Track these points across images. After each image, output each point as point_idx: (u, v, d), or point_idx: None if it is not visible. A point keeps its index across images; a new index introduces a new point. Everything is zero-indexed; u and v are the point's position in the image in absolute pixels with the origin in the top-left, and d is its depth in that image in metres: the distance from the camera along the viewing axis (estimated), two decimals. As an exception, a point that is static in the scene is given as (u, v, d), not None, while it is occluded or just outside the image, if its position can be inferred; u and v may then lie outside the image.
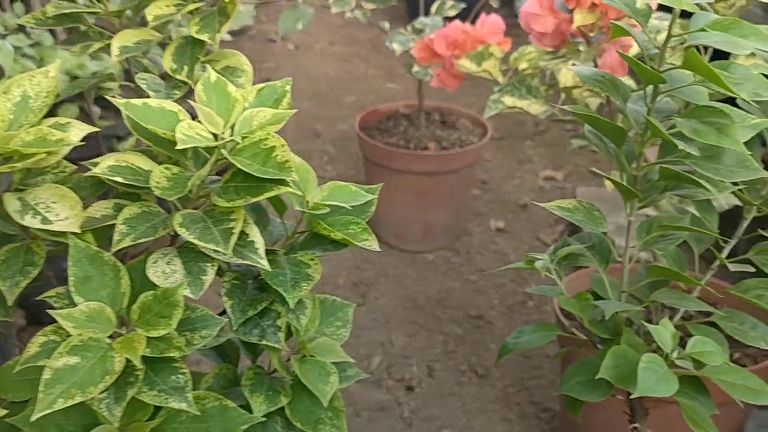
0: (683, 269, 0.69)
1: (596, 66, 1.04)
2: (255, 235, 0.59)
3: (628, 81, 1.08)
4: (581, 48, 1.03)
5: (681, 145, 0.56)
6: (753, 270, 0.67)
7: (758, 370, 1.03)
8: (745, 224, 0.69)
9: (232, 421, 0.57)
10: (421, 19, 1.69)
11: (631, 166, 0.64)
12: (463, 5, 1.70)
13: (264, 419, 0.61)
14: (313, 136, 2.36)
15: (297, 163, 0.70)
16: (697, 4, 0.56)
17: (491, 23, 1.39)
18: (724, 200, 1.06)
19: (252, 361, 0.70)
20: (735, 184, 0.61)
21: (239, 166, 0.55)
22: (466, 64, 1.34)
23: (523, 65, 1.35)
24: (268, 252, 0.67)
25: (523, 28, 1.03)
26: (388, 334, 1.62)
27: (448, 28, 1.38)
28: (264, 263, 0.58)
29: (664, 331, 0.61)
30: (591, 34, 1.00)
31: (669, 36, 0.58)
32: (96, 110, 1.63)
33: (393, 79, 2.70)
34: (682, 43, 0.56)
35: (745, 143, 0.67)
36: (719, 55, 0.67)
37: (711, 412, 0.66)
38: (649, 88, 0.60)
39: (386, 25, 1.81)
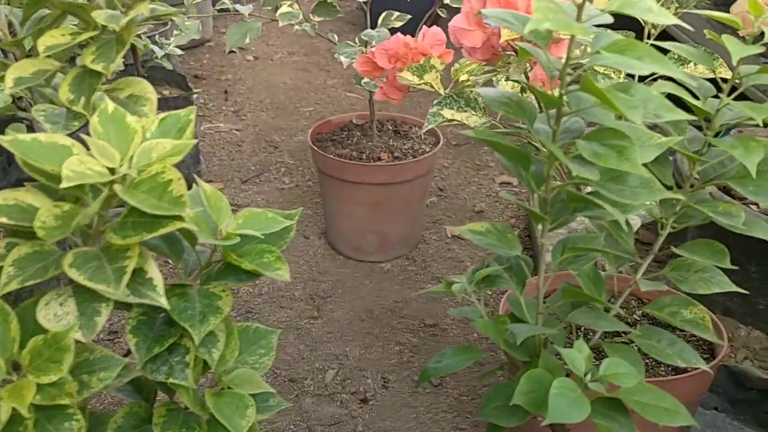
0: (600, 288, 0.69)
1: (528, 78, 1.04)
2: (153, 271, 0.57)
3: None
4: (512, 61, 1.02)
5: (575, 170, 0.55)
6: (665, 288, 0.67)
7: (682, 379, 1.03)
8: (660, 240, 0.69)
9: (139, 463, 0.56)
10: (368, 31, 1.68)
11: (540, 187, 0.63)
12: (408, 16, 1.70)
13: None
14: (272, 147, 2.34)
15: (209, 191, 0.69)
16: (598, 25, 0.55)
17: (432, 35, 1.39)
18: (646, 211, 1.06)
19: (169, 396, 0.68)
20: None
21: (130, 202, 0.54)
22: (408, 77, 1.34)
23: (463, 77, 1.35)
24: (179, 286, 0.66)
25: (453, 42, 1.02)
26: (344, 347, 1.61)
27: (390, 41, 1.38)
28: (162, 301, 0.56)
29: (577, 355, 0.60)
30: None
31: (568, 58, 0.58)
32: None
33: (353, 89, 2.69)
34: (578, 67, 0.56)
35: (656, 160, 0.66)
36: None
37: (630, 432, 0.65)
38: (553, 111, 0.60)
39: (335, 37, 1.80)
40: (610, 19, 0.57)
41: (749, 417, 1.37)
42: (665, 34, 1.92)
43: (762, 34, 0.62)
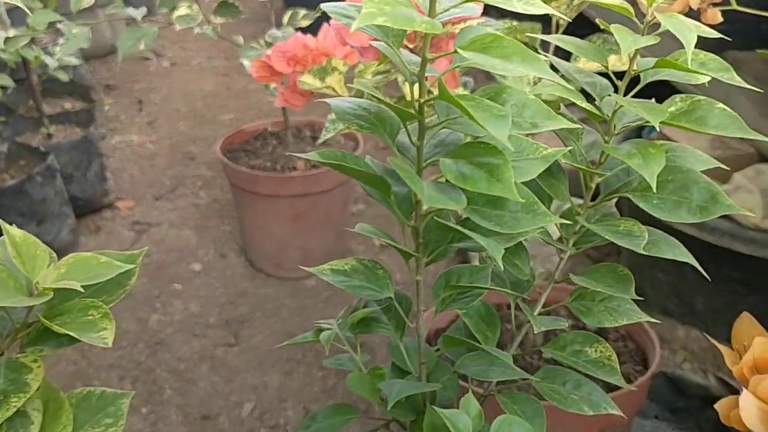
0: (494, 327, 0.58)
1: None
2: None
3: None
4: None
5: (428, 199, 0.44)
6: (565, 325, 0.57)
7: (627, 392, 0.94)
8: (561, 264, 0.59)
9: None
10: (272, 32, 1.56)
11: (409, 216, 0.53)
12: (317, 14, 1.58)
13: None
14: (188, 159, 2.20)
15: (18, 238, 0.56)
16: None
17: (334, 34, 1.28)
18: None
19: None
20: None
21: None
22: (309, 80, 1.22)
23: (368, 77, 1.24)
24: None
25: (339, 41, 0.92)
26: (262, 376, 1.49)
27: (287, 42, 1.26)
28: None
29: (461, 417, 0.50)
30: (411, 46, 0.89)
31: (424, 60, 0.47)
32: None
33: (276, 94, 2.57)
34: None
35: (547, 172, 0.56)
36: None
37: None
38: (412, 126, 0.49)
39: (240, 39, 1.68)
40: (476, 10, 0.47)
41: (691, 424, 1.30)
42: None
43: (658, 24, 0.52)
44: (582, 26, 1.54)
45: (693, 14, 0.94)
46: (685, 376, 1.32)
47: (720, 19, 0.89)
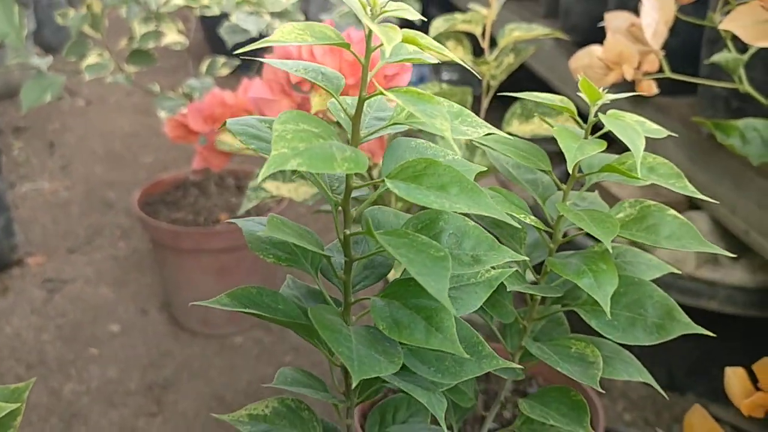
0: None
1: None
2: None
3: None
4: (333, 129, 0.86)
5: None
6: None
7: None
8: (507, 385, 0.54)
9: None
10: (190, 82, 1.48)
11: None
12: (237, 62, 1.51)
13: None
14: (105, 206, 2.08)
15: None
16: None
17: (255, 89, 1.21)
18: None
19: None
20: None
21: None
22: (229, 140, 1.15)
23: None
24: None
25: (258, 115, 0.85)
26: (189, 449, 1.40)
27: (204, 100, 1.18)
28: None
29: None
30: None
31: (348, 188, 0.42)
32: None
33: (199, 129, 2.48)
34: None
35: (494, 295, 0.51)
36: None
37: None
38: (336, 242, 0.43)
39: (156, 87, 1.59)
40: (401, 128, 0.41)
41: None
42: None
43: (600, 123, 0.48)
44: (520, 81, 1.52)
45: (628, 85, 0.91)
46: (627, 432, 1.30)
47: (656, 90, 0.87)
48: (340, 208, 0.42)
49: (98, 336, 1.64)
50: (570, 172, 0.47)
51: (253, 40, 1.31)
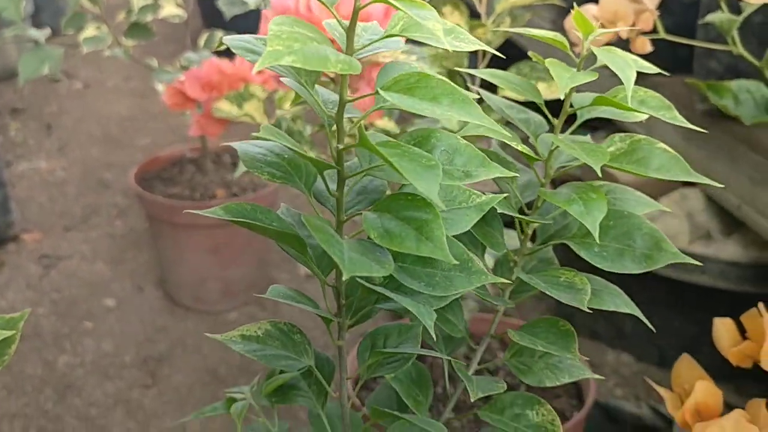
0: (426, 388, 0.53)
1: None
2: None
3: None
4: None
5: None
6: (503, 388, 0.53)
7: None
8: (497, 319, 0.55)
9: None
10: (188, 55, 1.48)
11: (329, 273, 0.48)
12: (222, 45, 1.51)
13: None
14: (102, 186, 2.09)
15: None
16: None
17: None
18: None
19: None
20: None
21: None
22: (226, 108, 1.16)
23: (287, 105, 1.18)
24: None
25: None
26: (183, 419, 1.40)
27: (202, 67, 1.19)
28: None
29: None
30: (332, 75, 0.84)
31: (342, 103, 0.42)
32: None
33: (196, 114, 2.48)
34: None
35: (479, 222, 0.52)
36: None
37: None
38: (332, 171, 0.44)
39: (153, 62, 1.59)
40: (396, 46, 0.42)
41: (625, 453, 1.28)
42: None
43: (594, 56, 0.48)
44: (510, 47, 1.53)
45: (621, 44, 0.92)
46: (619, 405, 1.30)
47: (649, 48, 0.88)
48: (334, 126, 0.43)
49: (93, 311, 1.65)
50: (562, 100, 0.48)
51: (251, 12, 1.31)
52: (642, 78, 1.60)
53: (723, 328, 0.72)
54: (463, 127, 0.49)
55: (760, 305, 0.69)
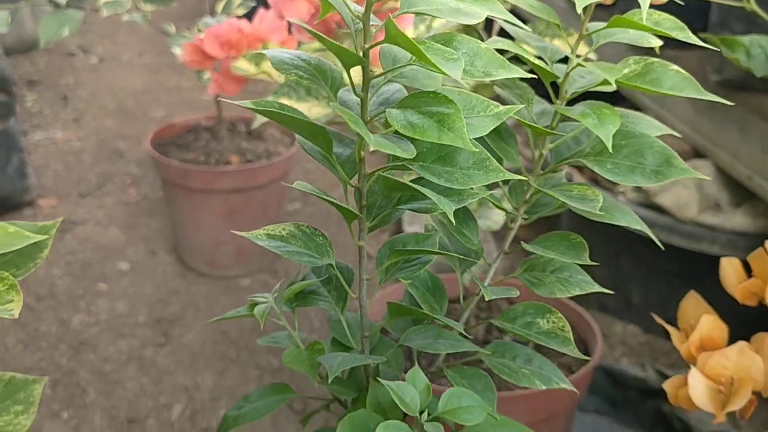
0: (441, 298, 0.55)
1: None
2: None
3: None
4: (345, 37, 0.88)
5: (376, 144, 0.41)
6: (516, 294, 0.55)
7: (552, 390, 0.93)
8: (511, 236, 0.57)
9: None
10: (206, 20, 1.50)
11: (352, 176, 0.49)
12: (252, 3, 1.54)
13: None
14: (116, 156, 2.11)
15: None
16: None
17: (271, 19, 1.23)
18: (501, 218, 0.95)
19: None
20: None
21: None
22: (244, 66, 1.18)
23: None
24: None
25: (276, 16, 0.88)
26: (195, 376, 1.43)
27: (221, 25, 1.21)
28: None
29: (407, 389, 0.47)
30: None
31: (369, 2, 0.44)
32: None
33: (210, 90, 2.50)
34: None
35: (497, 136, 0.54)
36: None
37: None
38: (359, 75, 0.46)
39: (171, 27, 1.61)
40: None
41: (630, 417, 1.30)
42: None
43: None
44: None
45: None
46: (624, 369, 1.32)
47: (665, -2, 0.89)
48: (360, 24, 0.45)
49: (107, 273, 1.67)
50: (580, 13, 0.49)
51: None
52: (659, 54, 1.61)
53: (730, 267, 0.73)
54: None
55: (767, 243, 0.71)
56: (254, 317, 0.53)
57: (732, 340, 0.71)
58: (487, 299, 0.51)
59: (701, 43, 0.53)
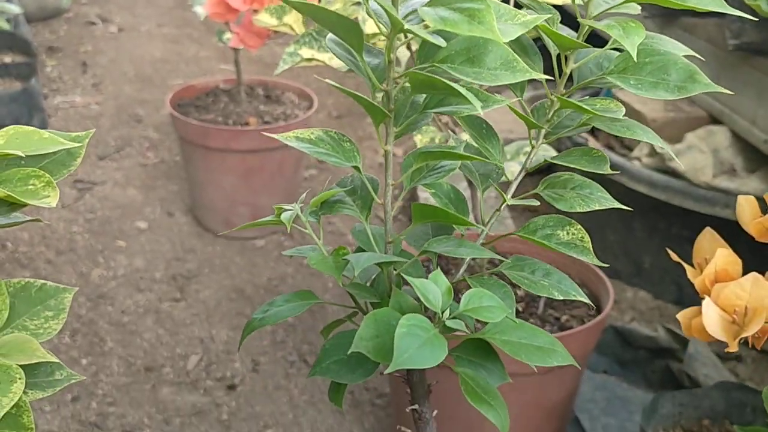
0: (462, 208, 0.57)
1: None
2: None
3: None
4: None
5: (413, 30, 0.43)
6: (537, 204, 0.56)
7: (565, 337, 0.94)
8: (533, 153, 0.58)
9: None
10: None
11: (382, 81, 0.51)
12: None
13: None
14: (134, 121, 2.13)
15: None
16: None
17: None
18: (543, 153, 0.97)
19: None
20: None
21: None
22: (266, 19, 1.19)
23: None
24: None
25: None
26: (210, 330, 1.45)
27: (244, -21, 1.22)
28: None
29: (431, 287, 0.48)
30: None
31: None
32: None
33: (228, 61, 2.51)
34: None
35: (522, 49, 0.55)
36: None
37: (501, 381, 0.54)
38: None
39: (193, -12, 1.62)
40: None
41: (639, 377, 1.31)
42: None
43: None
44: None
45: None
46: (634, 328, 1.33)
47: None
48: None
49: (126, 231, 1.70)
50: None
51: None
52: (677, 19, 1.61)
53: (746, 204, 0.74)
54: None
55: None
56: (254, 226, 0.55)
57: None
58: (507, 203, 0.53)
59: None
